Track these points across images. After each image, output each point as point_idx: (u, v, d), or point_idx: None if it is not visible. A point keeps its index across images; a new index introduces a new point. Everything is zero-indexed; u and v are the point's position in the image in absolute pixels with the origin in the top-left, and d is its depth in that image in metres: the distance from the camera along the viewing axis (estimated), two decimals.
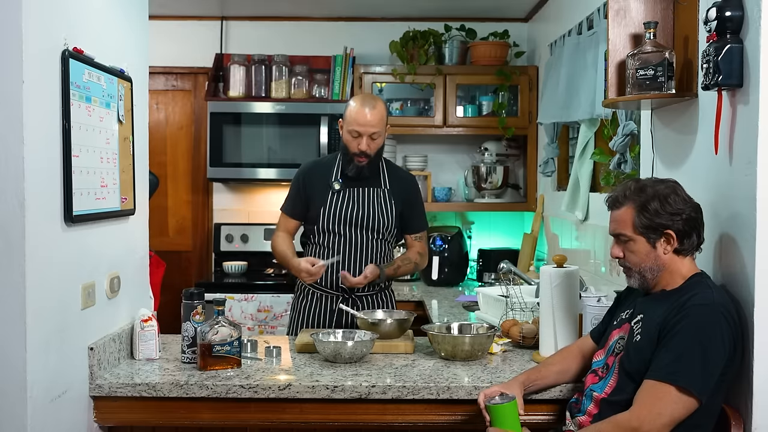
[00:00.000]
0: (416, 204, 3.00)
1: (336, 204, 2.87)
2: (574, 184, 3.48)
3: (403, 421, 2.15)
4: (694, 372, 1.73)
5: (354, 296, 2.90)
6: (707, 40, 1.92)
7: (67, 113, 1.98)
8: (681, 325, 1.77)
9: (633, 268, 1.93)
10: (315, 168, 2.97)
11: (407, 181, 3.01)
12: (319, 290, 2.92)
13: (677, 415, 1.74)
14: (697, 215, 1.89)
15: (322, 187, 2.90)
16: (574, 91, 3.41)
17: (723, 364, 1.76)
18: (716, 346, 1.75)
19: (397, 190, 2.93)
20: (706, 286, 1.86)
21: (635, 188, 1.91)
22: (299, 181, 2.95)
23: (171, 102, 4.81)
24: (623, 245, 1.93)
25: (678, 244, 1.87)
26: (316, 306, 2.93)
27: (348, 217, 2.86)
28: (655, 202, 1.86)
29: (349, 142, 2.81)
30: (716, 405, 1.82)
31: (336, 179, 2.89)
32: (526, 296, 2.92)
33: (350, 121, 2.79)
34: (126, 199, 2.37)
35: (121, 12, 2.38)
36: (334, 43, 4.59)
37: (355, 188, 2.89)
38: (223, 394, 2.12)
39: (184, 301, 2.34)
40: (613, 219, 1.95)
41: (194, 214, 4.83)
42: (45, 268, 1.89)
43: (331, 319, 2.91)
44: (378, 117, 2.79)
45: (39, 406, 1.88)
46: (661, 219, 1.85)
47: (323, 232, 2.89)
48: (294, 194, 2.96)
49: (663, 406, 1.74)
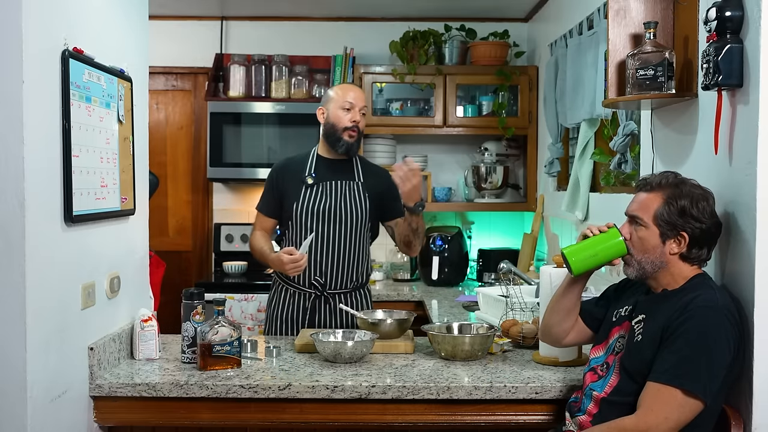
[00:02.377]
0: (395, 193, 2.88)
1: (309, 198, 2.87)
2: (574, 184, 3.49)
3: (403, 421, 2.15)
4: (700, 375, 1.73)
5: (327, 293, 2.88)
6: (707, 40, 1.92)
7: (67, 113, 1.98)
8: (685, 327, 1.76)
9: (635, 255, 1.91)
10: (288, 165, 2.98)
11: (381, 175, 3.00)
12: (293, 287, 2.91)
13: (684, 418, 1.74)
14: (715, 231, 1.88)
15: (295, 183, 2.90)
16: (577, 92, 3.41)
17: (727, 366, 1.76)
18: (721, 348, 1.74)
19: (371, 184, 2.94)
20: (709, 287, 1.85)
21: (673, 181, 1.89)
22: (272, 179, 2.96)
23: (171, 102, 4.81)
24: (635, 229, 1.91)
25: (687, 250, 1.86)
26: (290, 304, 2.92)
27: (321, 211, 2.85)
28: (686, 200, 1.84)
29: (340, 117, 2.85)
30: (717, 405, 1.82)
31: (309, 174, 2.90)
32: (526, 296, 2.92)
33: (340, 97, 2.87)
34: (126, 199, 2.37)
35: (121, 12, 2.38)
36: (334, 43, 4.59)
37: (328, 182, 2.89)
38: (223, 394, 2.12)
39: (184, 301, 2.34)
40: (637, 200, 1.92)
41: (194, 214, 4.83)
42: (45, 268, 1.90)
43: (305, 317, 2.89)
44: (363, 95, 2.94)
45: (39, 406, 1.88)
46: (683, 219, 1.84)
47: (295, 226, 2.88)
48: (268, 192, 2.96)
49: (670, 410, 1.73)
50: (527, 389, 2.11)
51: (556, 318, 2.12)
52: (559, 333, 2.13)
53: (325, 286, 2.87)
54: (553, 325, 2.13)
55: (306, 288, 2.88)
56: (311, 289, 2.88)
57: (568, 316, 2.10)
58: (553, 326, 2.13)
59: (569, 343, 2.16)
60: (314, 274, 2.86)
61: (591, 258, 1.95)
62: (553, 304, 2.13)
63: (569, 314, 2.10)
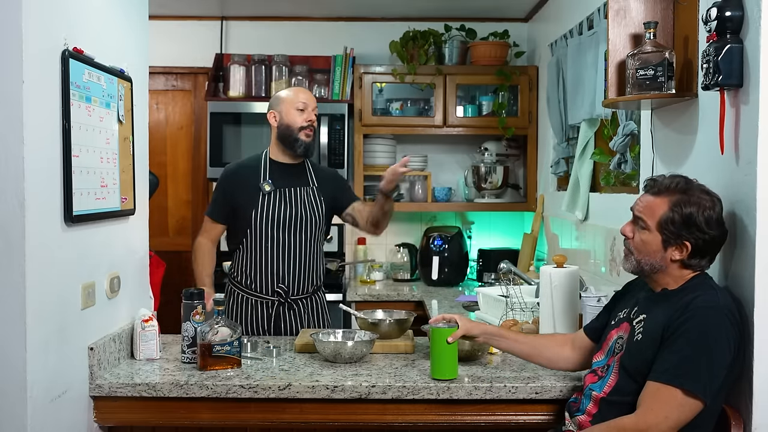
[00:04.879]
0: (343, 187, 3.07)
1: (267, 206, 2.87)
2: (574, 184, 3.48)
3: (403, 421, 2.15)
4: (700, 374, 1.72)
5: (290, 300, 2.90)
6: (707, 40, 1.92)
7: (67, 113, 1.98)
8: (686, 327, 1.76)
9: (634, 254, 1.91)
10: (239, 171, 2.96)
11: (332, 176, 3.08)
12: (255, 296, 2.91)
13: (684, 418, 1.74)
14: (720, 241, 1.86)
15: (250, 190, 2.89)
16: (577, 92, 3.41)
17: (727, 366, 1.75)
18: (721, 348, 1.74)
19: (325, 187, 2.99)
20: (710, 287, 1.84)
21: (682, 186, 1.85)
22: (224, 185, 2.94)
23: (171, 102, 4.81)
24: (638, 230, 1.90)
25: (687, 258, 1.85)
26: (253, 313, 2.92)
27: (281, 219, 2.87)
28: (692, 208, 1.81)
29: (295, 118, 2.87)
30: (717, 405, 1.82)
31: (265, 180, 2.89)
32: (526, 296, 2.92)
33: (293, 99, 2.89)
34: (126, 199, 2.37)
35: (121, 12, 2.38)
36: (334, 43, 4.59)
37: (285, 189, 2.91)
38: (223, 394, 2.12)
39: (184, 301, 2.34)
40: (644, 201, 1.90)
41: (194, 214, 4.83)
42: (45, 268, 1.89)
43: (269, 324, 2.91)
44: (314, 98, 2.97)
45: (39, 406, 1.88)
46: (687, 229, 1.81)
47: (255, 235, 2.88)
48: (220, 198, 2.95)
49: (670, 409, 1.73)
50: (527, 389, 2.11)
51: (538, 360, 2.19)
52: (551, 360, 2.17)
53: (289, 292, 2.90)
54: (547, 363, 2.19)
55: (270, 296, 2.90)
56: (275, 297, 2.90)
57: (536, 351, 2.16)
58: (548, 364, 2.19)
59: (581, 362, 2.15)
60: (278, 282, 2.89)
61: (448, 361, 2.13)
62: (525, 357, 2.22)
63: (537, 350, 2.16)
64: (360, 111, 4.39)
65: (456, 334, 2.11)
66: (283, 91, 2.98)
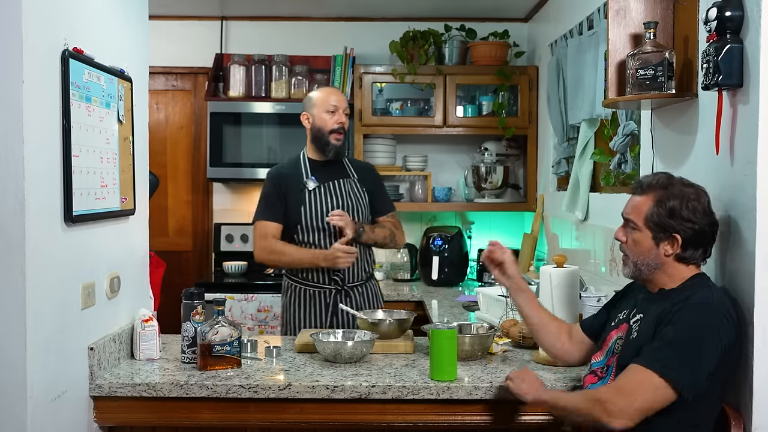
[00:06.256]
0: (380, 188, 3.18)
1: (316, 201, 2.97)
2: (574, 184, 3.48)
3: (403, 421, 2.15)
4: (682, 365, 1.72)
5: (346, 288, 2.99)
6: (707, 40, 1.92)
7: (67, 113, 1.98)
8: (677, 317, 1.77)
9: (630, 257, 1.93)
10: (283, 172, 3.06)
11: (369, 169, 3.21)
12: (312, 287, 2.99)
13: (653, 404, 1.74)
14: (710, 230, 1.87)
15: (296, 188, 2.99)
16: (577, 92, 3.41)
17: (716, 365, 1.75)
18: (710, 345, 1.74)
19: (364, 179, 3.11)
20: (707, 286, 1.85)
21: (663, 181, 1.89)
22: (274, 186, 3.02)
23: (171, 102, 4.81)
24: (629, 232, 1.93)
25: (681, 250, 1.86)
26: (310, 304, 2.99)
27: (328, 211, 2.95)
28: (676, 201, 1.84)
29: (326, 121, 2.98)
30: (714, 404, 1.82)
31: (309, 178, 3.00)
32: None
33: (324, 101, 3.00)
34: (126, 199, 2.37)
35: (121, 12, 2.38)
36: (334, 43, 4.59)
37: (328, 183, 3.01)
38: (223, 394, 2.12)
39: (184, 301, 2.34)
40: (630, 203, 1.94)
41: (194, 214, 4.83)
42: (45, 268, 1.89)
43: (325, 315, 2.97)
44: (344, 96, 3.08)
45: (39, 406, 1.88)
46: (674, 221, 1.83)
47: (306, 230, 2.97)
48: (272, 200, 3.01)
49: (640, 390, 1.74)
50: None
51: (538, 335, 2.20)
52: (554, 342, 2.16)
53: (344, 280, 2.98)
54: (542, 341, 2.20)
55: (327, 285, 2.98)
56: (332, 286, 2.98)
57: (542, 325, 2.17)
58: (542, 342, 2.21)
59: (577, 358, 2.16)
60: (333, 271, 2.97)
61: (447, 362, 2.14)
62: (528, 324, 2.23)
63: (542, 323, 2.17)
64: (360, 111, 4.39)
65: (508, 256, 2.18)
66: (315, 92, 3.08)
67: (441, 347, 2.13)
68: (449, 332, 2.13)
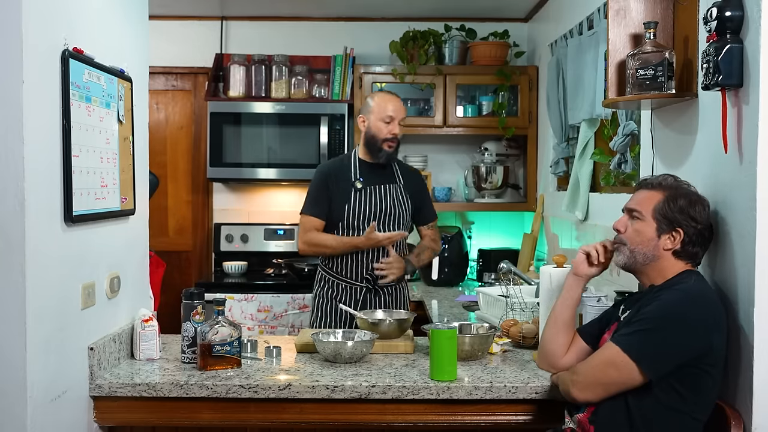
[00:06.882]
0: (425, 196, 3.32)
1: (360, 201, 3.07)
2: (574, 184, 3.48)
3: (403, 421, 2.15)
4: (643, 343, 1.80)
5: (376, 287, 3.10)
6: (707, 40, 1.92)
7: (67, 113, 1.98)
8: (655, 298, 1.85)
9: (628, 245, 1.97)
10: (333, 169, 3.15)
11: (416, 176, 3.30)
12: (345, 282, 3.10)
13: (615, 378, 1.82)
14: (709, 235, 1.95)
15: (343, 186, 3.09)
16: (577, 92, 3.41)
17: (691, 352, 1.78)
18: (680, 331, 1.77)
19: (410, 185, 3.21)
20: (693, 279, 1.90)
21: (673, 182, 1.98)
22: (322, 182, 3.11)
23: (171, 102, 4.81)
24: (631, 222, 1.97)
25: (680, 246, 1.91)
26: (343, 295, 3.12)
27: (370, 214, 3.06)
28: (684, 200, 1.92)
29: (380, 129, 3.06)
30: (703, 406, 1.83)
31: (357, 178, 3.09)
32: (526, 296, 2.92)
33: (382, 109, 3.06)
34: (126, 199, 2.37)
35: (121, 12, 2.38)
36: (334, 43, 4.59)
37: (375, 186, 3.10)
38: (223, 394, 2.12)
39: (184, 301, 2.34)
40: (636, 197, 2.00)
41: (194, 214, 4.83)
42: (45, 268, 1.89)
43: (355, 307, 3.09)
44: (402, 104, 3.14)
45: (39, 406, 1.88)
46: (681, 216, 1.90)
47: (348, 229, 3.08)
48: (319, 195, 3.11)
49: (604, 362, 1.84)
50: (527, 389, 2.11)
51: (553, 330, 2.11)
52: (556, 349, 2.11)
53: (376, 280, 3.10)
54: (550, 340, 2.12)
55: (358, 282, 3.11)
56: (363, 283, 3.11)
57: (565, 328, 2.11)
58: (549, 341, 2.12)
59: (567, 362, 2.09)
60: (367, 270, 3.09)
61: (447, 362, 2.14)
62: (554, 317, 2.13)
63: (567, 327, 2.11)
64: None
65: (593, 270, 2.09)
66: (374, 97, 3.14)
67: (441, 347, 2.13)
68: (449, 332, 2.13)
